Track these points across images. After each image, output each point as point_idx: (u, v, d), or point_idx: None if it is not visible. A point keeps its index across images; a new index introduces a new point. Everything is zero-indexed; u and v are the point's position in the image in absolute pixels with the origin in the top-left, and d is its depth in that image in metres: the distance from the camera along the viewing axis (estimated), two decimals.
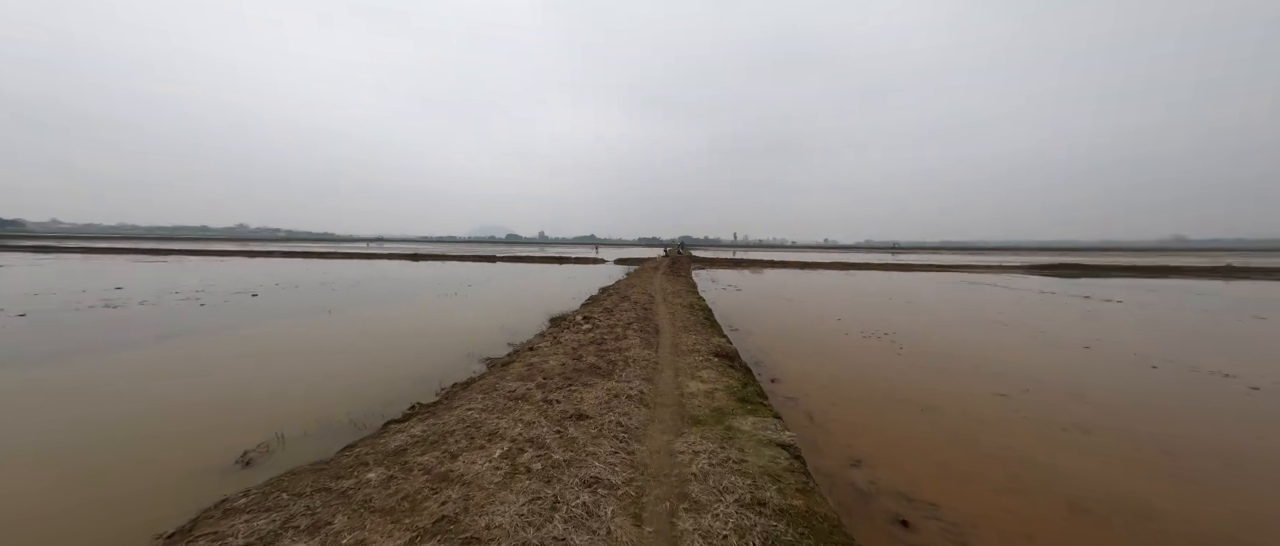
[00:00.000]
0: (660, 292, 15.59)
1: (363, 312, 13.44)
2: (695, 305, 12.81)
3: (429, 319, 12.76)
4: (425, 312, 13.88)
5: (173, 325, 10.90)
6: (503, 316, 13.03)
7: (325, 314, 13.00)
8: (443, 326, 11.83)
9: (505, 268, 37.29)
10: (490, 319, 12.59)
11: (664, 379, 6.10)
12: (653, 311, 11.24)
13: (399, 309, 14.56)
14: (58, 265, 28.07)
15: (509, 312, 13.83)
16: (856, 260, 51.53)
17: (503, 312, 13.88)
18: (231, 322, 11.33)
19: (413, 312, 14.00)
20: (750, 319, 13.47)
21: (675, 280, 21.54)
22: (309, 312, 13.21)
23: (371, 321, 12.14)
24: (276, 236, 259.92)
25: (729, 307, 15.64)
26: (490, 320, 12.40)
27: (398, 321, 12.34)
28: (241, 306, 14.01)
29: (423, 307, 14.88)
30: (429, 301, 16.27)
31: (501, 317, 12.77)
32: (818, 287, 24.01)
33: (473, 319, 12.80)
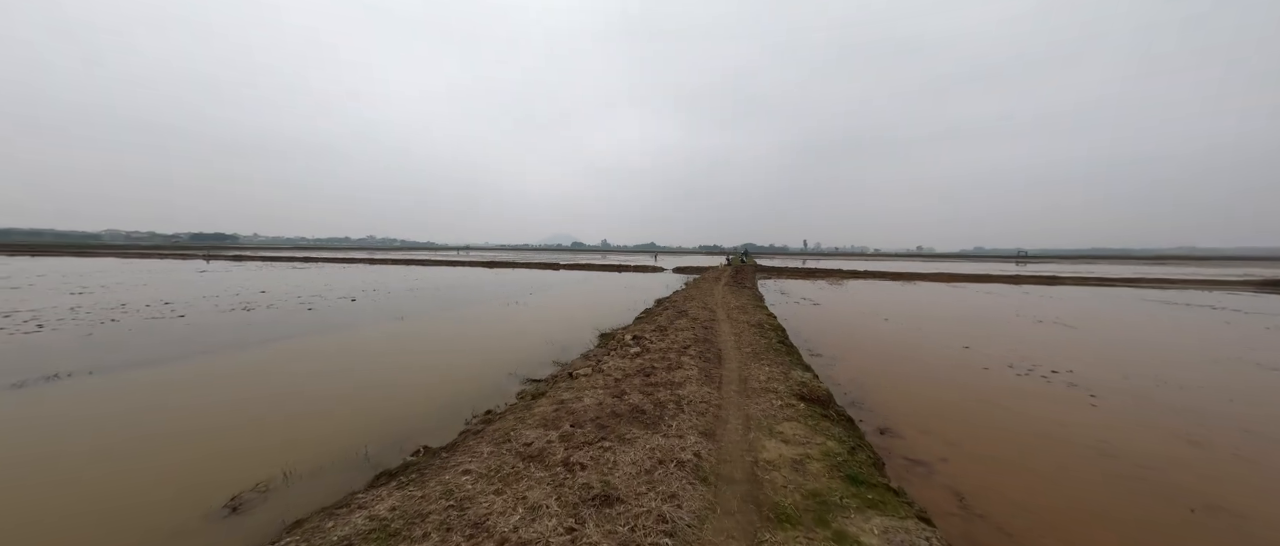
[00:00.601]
0: (722, 307, 13.79)
1: (430, 320, 13.62)
2: (765, 324, 10.85)
3: (487, 329, 12.49)
4: (486, 321, 13.72)
5: (280, 328, 11.75)
6: (554, 330, 12.29)
7: (398, 320, 13.42)
8: (497, 338, 11.41)
9: (567, 275, 37.86)
10: (542, 332, 11.92)
11: (729, 432, 4.52)
12: (714, 331, 9.58)
13: (464, 315, 14.66)
14: (243, 273, 33.98)
15: (561, 326, 13.09)
16: (965, 270, 43.77)
17: (555, 326, 13.21)
18: (316, 327, 11.94)
19: (475, 319, 13.97)
20: (836, 342, 11.11)
21: (739, 292, 19.42)
22: (385, 318, 13.73)
23: (434, 330, 12.13)
24: (393, 245, 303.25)
25: (806, 327, 13.30)
26: (542, 334, 11.72)
27: (458, 330, 12.24)
28: (338, 310, 15.04)
29: (485, 315, 14.85)
30: (493, 309, 16.32)
31: (553, 331, 12.04)
32: (922, 303, 20.17)
33: (526, 331, 12.26)
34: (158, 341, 10.03)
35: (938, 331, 12.94)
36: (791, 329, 12.22)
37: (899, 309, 17.88)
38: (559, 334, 11.63)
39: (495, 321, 13.74)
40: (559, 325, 13.00)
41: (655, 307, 14.79)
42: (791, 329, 12.22)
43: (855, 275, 37.38)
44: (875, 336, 12.15)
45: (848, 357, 9.56)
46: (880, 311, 17.09)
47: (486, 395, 6.95)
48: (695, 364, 6.69)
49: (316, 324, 12.54)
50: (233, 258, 55.94)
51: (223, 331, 11.22)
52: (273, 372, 7.96)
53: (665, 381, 5.83)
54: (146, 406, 6.35)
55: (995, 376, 8.28)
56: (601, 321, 13.31)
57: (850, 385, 7.73)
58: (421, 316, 14.27)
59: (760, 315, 12.29)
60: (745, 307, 13.74)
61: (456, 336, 11.52)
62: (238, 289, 21.09)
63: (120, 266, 36.72)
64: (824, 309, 17.76)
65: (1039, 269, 53.23)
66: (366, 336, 11.16)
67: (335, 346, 10.00)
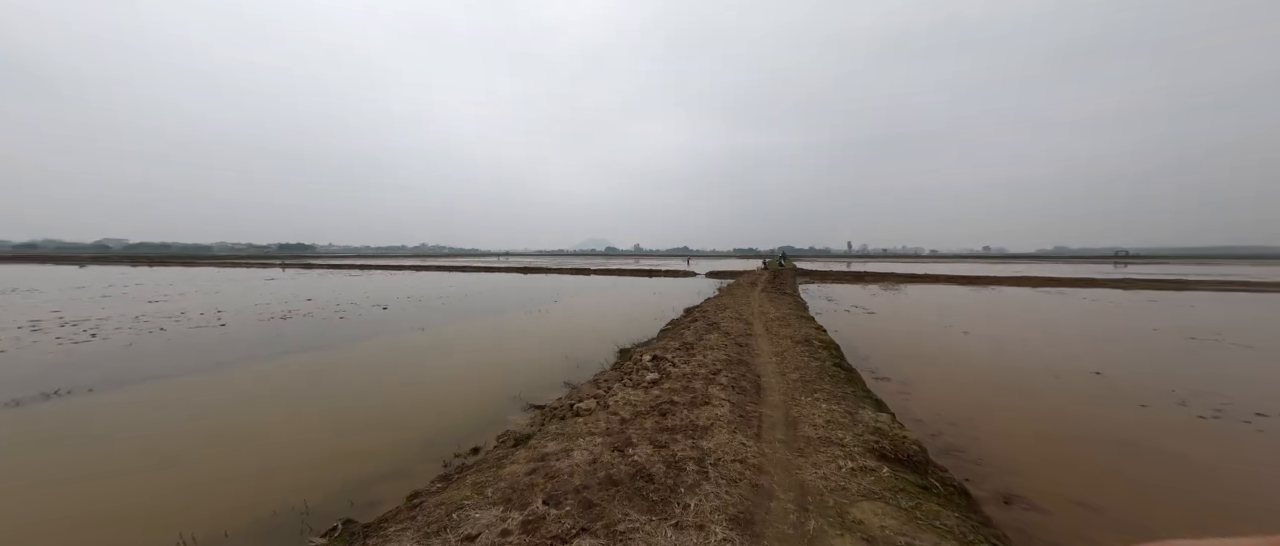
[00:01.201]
0: (760, 317, 12.05)
1: (449, 331, 12.87)
2: (813, 339, 9.04)
3: (503, 341, 11.58)
4: (504, 332, 12.85)
5: (304, 339, 11.39)
6: (573, 344, 11.13)
7: (418, 331, 12.82)
8: (511, 352, 10.45)
9: (597, 281, 37.15)
10: (560, 347, 10.80)
11: (776, 519, 3.03)
12: (751, 350, 7.96)
13: (485, 326, 13.89)
14: (305, 280, 36.01)
15: (580, 339, 11.95)
16: (1054, 273, 38.27)
17: (575, 339, 12.09)
18: (339, 340, 11.37)
19: (494, 330, 13.14)
20: (905, 362, 9.10)
21: (779, 300, 17.43)
22: (409, 328, 13.18)
23: (450, 342, 11.33)
24: (442, 252, 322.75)
25: (863, 342, 11.26)
26: (560, 348, 10.59)
27: (475, 342, 11.40)
28: (369, 319, 14.71)
29: (506, 326, 14.04)
30: (515, 319, 15.55)
31: (571, 345, 10.89)
32: (1008, 312, 17.24)
33: (543, 345, 11.22)
34: (184, 352, 9.94)
35: (1044, 348, 10.47)
36: (845, 344, 10.29)
37: (978, 319, 15.16)
38: (577, 348, 10.46)
39: (513, 333, 12.84)
40: (578, 338, 11.85)
41: (683, 318, 13.28)
42: (845, 344, 10.29)
43: (912, 279, 33.66)
44: (955, 353, 9.93)
45: (924, 383, 7.59)
46: (953, 322, 14.51)
47: (481, 425, 5.87)
48: (726, 397, 5.18)
49: (341, 336, 12.08)
50: (303, 266, 60.68)
51: (247, 343, 10.95)
52: (260, 395, 7.25)
53: (686, 424, 4.39)
54: (105, 434, 5.75)
55: (1161, 417, 6.05)
56: (624, 333, 12.03)
57: (936, 421, 5.88)
58: (443, 326, 13.64)
59: (806, 328, 10.45)
60: (787, 319, 11.91)
61: (471, 350, 10.67)
62: (290, 296, 21.72)
63: (211, 275, 40.33)
64: (881, 319, 15.41)
65: (1151, 271, 45.79)
66: (378, 349, 10.52)
67: (341, 362, 9.34)
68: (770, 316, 12.10)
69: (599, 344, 10.51)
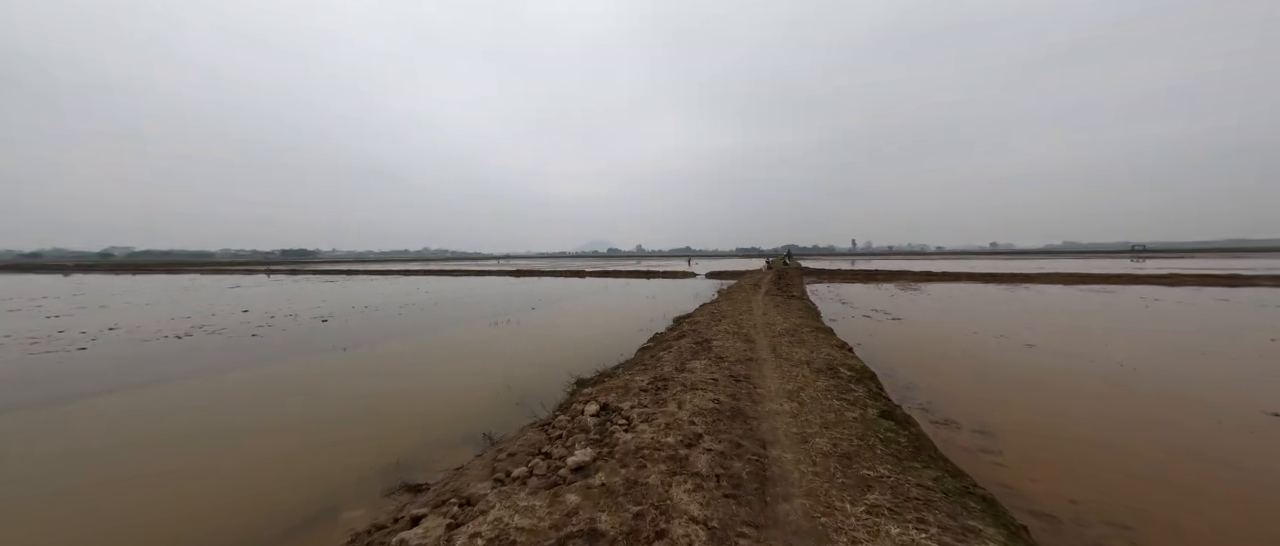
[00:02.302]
0: (764, 330, 9.53)
1: (370, 354, 10.17)
2: (839, 367, 6.53)
3: (428, 368, 9.07)
4: (449, 353, 10.35)
5: (154, 369, 8.66)
6: (521, 371, 8.62)
7: (338, 352, 10.31)
8: (441, 380, 8.00)
9: (591, 283, 34.78)
10: (501, 376, 8.31)
11: None
12: (752, 388, 5.47)
13: (431, 343, 11.37)
14: (286, 286, 32.77)
15: (535, 362, 9.48)
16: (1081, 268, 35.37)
17: (532, 360, 9.65)
18: (208, 368, 8.76)
19: (440, 349, 10.61)
20: (967, 394, 6.56)
21: (786, 305, 14.88)
22: (318, 353, 10.19)
23: (353, 373, 8.60)
24: (445, 256, 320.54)
25: (899, 359, 8.72)
26: (498, 379, 8.10)
27: (403, 368, 8.94)
28: (289, 337, 12.17)
29: (457, 342, 11.53)
30: (474, 332, 13.09)
31: (517, 374, 8.40)
32: (1064, 316, 14.66)
33: (483, 372, 8.76)
34: (104, 370, 7.65)
35: (1159, 369, 7.84)
36: (877, 364, 7.76)
37: (1029, 324, 12.51)
38: (522, 378, 7.97)
39: (459, 355, 10.31)
40: (531, 362, 9.36)
41: (669, 332, 10.76)
42: (877, 364, 7.76)
43: (929, 277, 30.94)
44: (1037, 379, 7.34)
45: (1015, 432, 5.06)
46: (1001, 329, 11.90)
47: (316, 514, 3.48)
48: (703, 511, 2.75)
49: (226, 361, 9.46)
50: (290, 272, 58.79)
51: (86, 376, 8.40)
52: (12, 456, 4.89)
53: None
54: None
55: None
56: (594, 354, 9.58)
57: (1077, 512, 3.38)
58: (369, 347, 11.02)
59: (826, 347, 7.90)
60: (798, 331, 9.39)
61: (392, 379, 8.21)
62: (228, 308, 18.89)
63: (178, 283, 38.19)
64: (910, 326, 12.83)
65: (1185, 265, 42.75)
66: (245, 383, 7.84)
67: (170, 401, 6.75)
68: (777, 329, 9.58)
69: (552, 373, 8.04)
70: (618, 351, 9.71)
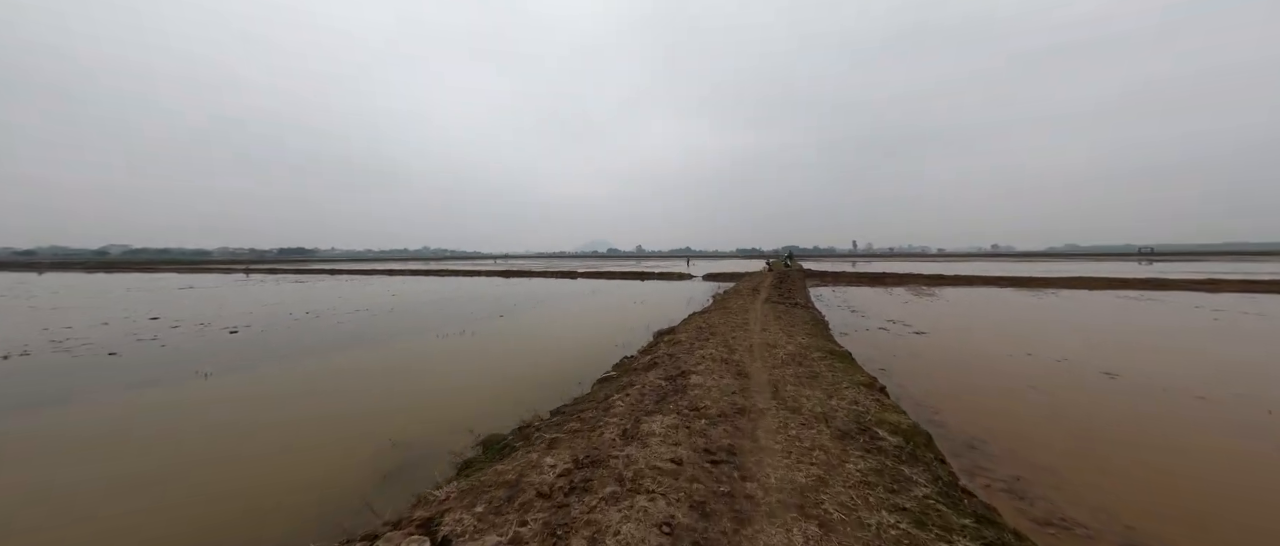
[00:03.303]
0: (764, 355, 7.35)
1: (261, 376, 8.01)
2: (871, 423, 4.38)
3: (321, 402, 6.81)
4: (348, 382, 7.83)
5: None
6: (415, 422, 6.51)
7: (201, 378, 7.85)
8: (298, 432, 5.77)
9: (580, 285, 32.68)
10: (403, 421, 6.26)
11: None
12: (743, 471, 3.33)
13: (335, 366, 9.09)
14: (229, 289, 30.14)
15: (456, 399, 7.37)
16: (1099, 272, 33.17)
17: (468, 389, 7.56)
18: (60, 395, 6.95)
19: (331, 380, 8.21)
20: (1095, 474, 4.37)
21: (789, 316, 12.72)
22: (177, 380, 8.03)
23: (223, 405, 6.52)
24: (444, 255, 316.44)
25: (949, 400, 6.54)
26: (399, 425, 6.05)
27: (269, 404, 6.64)
28: (161, 354, 9.94)
29: (372, 366, 9.06)
30: (409, 349, 10.84)
31: (426, 417, 6.35)
32: (1124, 330, 12.48)
33: (380, 412, 6.63)
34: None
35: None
36: (920, 406, 5.60)
37: (1089, 343, 10.30)
38: (413, 433, 5.82)
39: (354, 388, 7.73)
40: (451, 398, 7.18)
41: (642, 354, 8.55)
42: (920, 406, 5.60)
43: (940, 281, 28.77)
44: (1166, 435, 5.13)
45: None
46: (1055, 347, 9.72)
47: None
48: None
49: (37, 394, 7.42)
50: (269, 271, 56.68)
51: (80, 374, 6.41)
52: None
53: None
54: None
55: None
56: (538, 383, 7.40)
57: None
58: (263, 368, 8.80)
59: (848, 387, 5.71)
60: (806, 356, 7.21)
61: (227, 431, 5.92)
62: (140, 314, 16.69)
63: (137, 282, 35.47)
64: (939, 342, 10.67)
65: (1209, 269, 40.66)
66: (38, 429, 5.87)
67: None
68: (780, 352, 7.40)
69: (456, 421, 5.87)
70: (574, 379, 7.55)
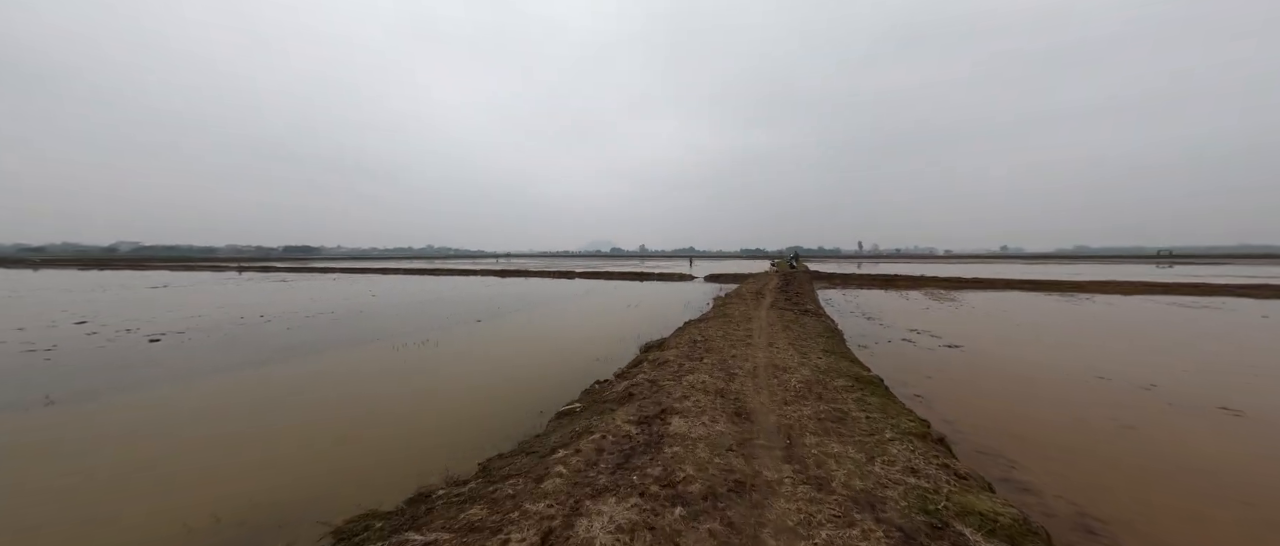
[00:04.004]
0: (770, 379, 5.78)
1: (161, 398, 6.67)
2: (948, 513, 2.85)
3: (224, 434, 5.47)
4: (266, 403, 6.51)
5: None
6: (384, 433, 5.15)
7: (39, 406, 6.52)
8: (167, 479, 4.38)
9: (578, 286, 31.24)
10: (325, 451, 4.84)
11: None
12: None
13: (248, 382, 7.56)
14: (204, 288, 29.02)
15: (411, 421, 5.92)
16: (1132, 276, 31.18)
17: (395, 420, 6.09)
18: None
19: (248, 398, 6.76)
20: None
21: (799, 326, 11.14)
22: (13, 409, 6.88)
23: (64, 440, 5.27)
24: (448, 253, 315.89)
25: (1020, 446, 4.93)
26: (327, 452, 4.64)
27: (145, 430, 5.30)
28: (49, 365, 8.30)
29: (305, 379, 7.69)
30: (365, 357, 9.47)
31: (374, 442, 4.93)
32: (1194, 346, 10.74)
33: (293, 452, 5.21)
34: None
35: None
36: (990, 462, 4.02)
37: (1168, 365, 8.60)
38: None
39: (266, 416, 6.34)
40: (387, 427, 5.72)
41: (619, 379, 6.96)
42: (990, 462, 4.02)
43: (959, 283, 26.99)
44: None
45: None
46: (1124, 363, 8.06)
47: None
48: None
49: None
50: (262, 269, 55.80)
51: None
52: None
53: None
54: None
55: None
56: (505, 404, 5.92)
57: None
58: (178, 385, 7.26)
59: (892, 440, 4.15)
60: (826, 385, 5.64)
61: (80, 462, 4.51)
62: (64, 318, 15.74)
63: (113, 280, 34.09)
64: (977, 357, 9.04)
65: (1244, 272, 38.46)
66: None
67: None
68: (793, 379, 5.85)
69: (322, 494, 4.37)
70: (533, 408, 6.05)
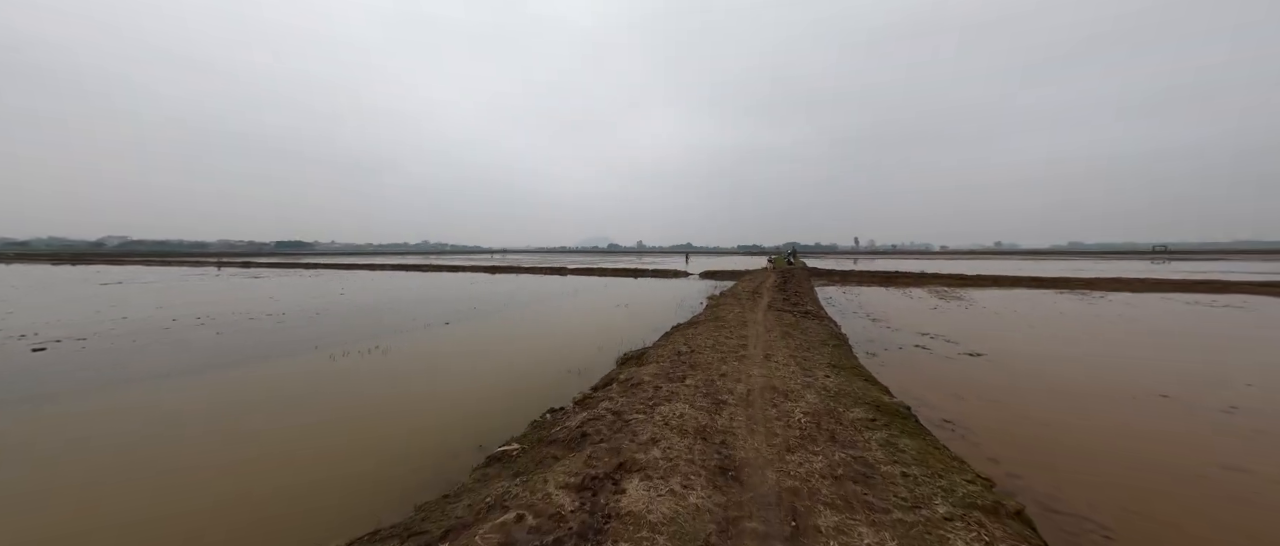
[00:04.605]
0: (766, 403, 4.57)
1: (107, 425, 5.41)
2: None
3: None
4: (106, 441, 5.23)
5: None
6: (300, 481, 3.92)
7: None
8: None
9: (569, 283, 29.97)
10: (306, 464, 3.60)
11: None
12: None
13: (122, 407, 6.10)
14: (203, 282, 27.64)
15: (274, 483, 4.69)
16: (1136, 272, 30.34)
17: (249, 480, 4.85)
18: None
19: (152, 418, 5.33)
20: None
21: (800, 331, 9.94)
22: None
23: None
24: (444, 249, 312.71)
25: (1118, 519, 3.72)
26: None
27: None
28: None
29: (190, 404, 6.30)
30: (288, 373, 7.99)
31: (299, 485, 3.70)
32: (1255, 356, 9.61)
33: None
34: None
35: None
36: (1070, 530, 2.79)
37: (1225, 372, 7.45)
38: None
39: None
40: (231, 498, 4.47)
41: (576, 409, 5.68)
42: (1070, 530, 2.79)
43: (963, 281, 25.93)
44: None
45: None
46: (1189, 378, 6.89)
47: None
48: None
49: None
50: (243, 265, 54.09)
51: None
52: None
53: None
54: None
55: None
56: (431, 445, 4.67)
57: None
58: (13, 410, 6.14)
59: (940, 495, 2.98)
60: (839, 413, 4.44)
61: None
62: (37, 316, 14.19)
63: (76, 275, 32.41)
64: (1005, 367, 7.86)
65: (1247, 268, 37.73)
66: None
67: None
68: (797, 410, 4.65)
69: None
70: (474, 441, 4.82)
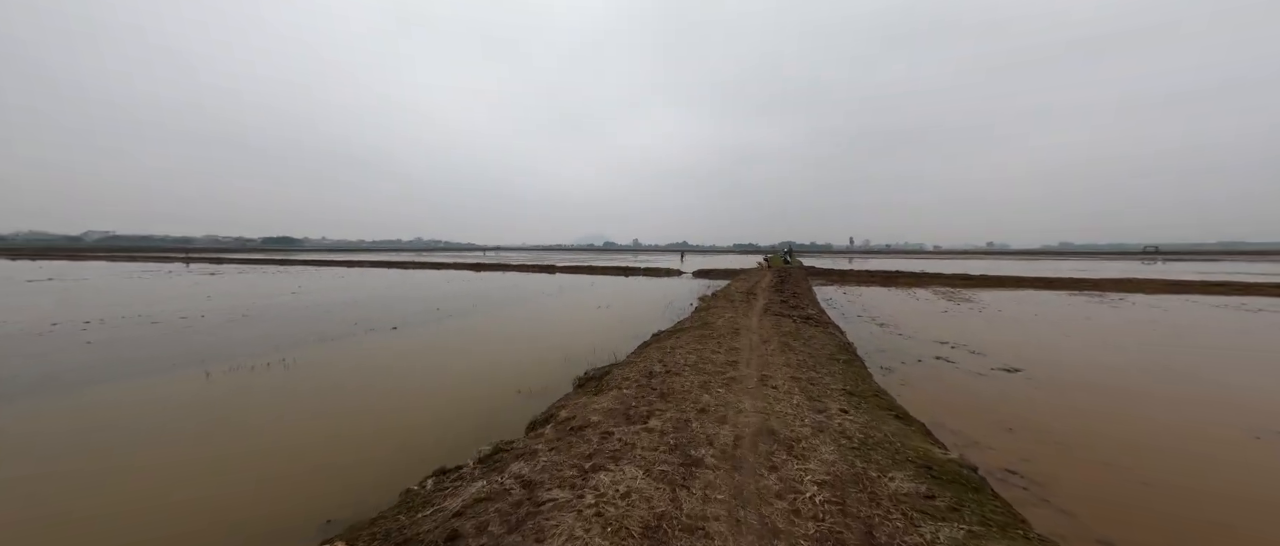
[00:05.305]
0: (762, 468, 3.16)
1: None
2: None
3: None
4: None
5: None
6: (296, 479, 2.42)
7: None
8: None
9: (557, 281, 28.47)
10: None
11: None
12: None
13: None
14: (156, 280, 25.66)
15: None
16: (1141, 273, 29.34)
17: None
18: None
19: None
20: None
21: (802, 341, 8.52)
22: None
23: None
24: (438, 246, 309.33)
25: None
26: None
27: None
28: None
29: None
30: (181, 385, 6.59)
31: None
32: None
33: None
34: None
35: None
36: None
37: None
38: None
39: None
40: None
41: (478, 469, 4.14)
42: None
43: (968, 281, 24.73)
44: None
45: None
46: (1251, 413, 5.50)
47: None
48: None
49: None
50: (214, 260, 51.93)
51: None
52: None
53: None
54: None
55: None
56: (302, 494, 3.17)
57: None
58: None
59: None
60: (874, 484, 3.04)
61: None
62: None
63: (82, 270, 30.67)
64: (1056, 389, 6.45)
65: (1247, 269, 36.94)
66: None
67: None
68: (808, 483, 3.24)
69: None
70: (327, 510, 3.34)
